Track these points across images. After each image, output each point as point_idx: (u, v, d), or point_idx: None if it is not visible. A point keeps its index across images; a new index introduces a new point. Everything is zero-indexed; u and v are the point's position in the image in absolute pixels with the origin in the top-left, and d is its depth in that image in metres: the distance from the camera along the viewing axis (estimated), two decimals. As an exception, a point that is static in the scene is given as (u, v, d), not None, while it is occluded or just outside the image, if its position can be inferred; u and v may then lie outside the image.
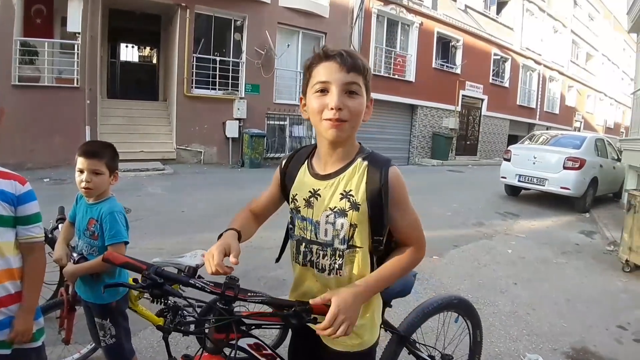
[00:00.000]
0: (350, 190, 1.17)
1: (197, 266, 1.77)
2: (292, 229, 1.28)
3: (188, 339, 2.48)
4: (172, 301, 1.23)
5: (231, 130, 11.34)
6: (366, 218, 1.17)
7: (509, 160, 8.91)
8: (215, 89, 11.44)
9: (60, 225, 2.20)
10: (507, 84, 20.20)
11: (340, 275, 1.20)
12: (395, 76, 15.33)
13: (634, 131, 9.27)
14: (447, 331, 2.05)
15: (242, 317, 1.18)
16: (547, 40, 22.20)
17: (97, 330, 1.88)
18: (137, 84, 13.76)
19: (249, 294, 1.09)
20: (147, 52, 16.87)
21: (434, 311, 1.90)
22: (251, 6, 11.57)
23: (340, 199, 1.17)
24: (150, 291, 1.12)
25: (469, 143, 18.96)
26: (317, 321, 1.08)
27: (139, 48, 16.54)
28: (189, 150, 11.04)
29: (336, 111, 1.09)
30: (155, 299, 1.14)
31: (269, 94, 12.15)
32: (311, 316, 1.09)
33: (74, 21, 9.06)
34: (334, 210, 1.17)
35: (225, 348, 1.19)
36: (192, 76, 10.99)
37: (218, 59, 11.38)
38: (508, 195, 9.37)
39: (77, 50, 9.23)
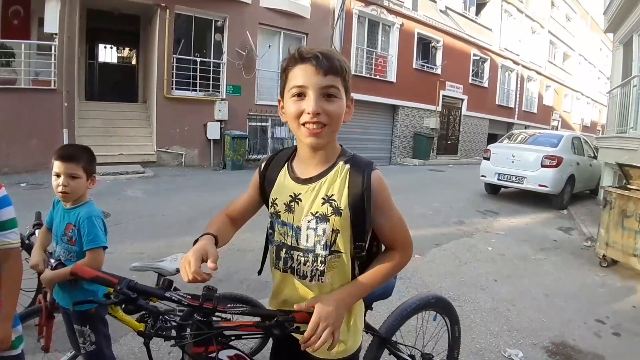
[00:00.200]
0: (332, 194, 1.14)
1: (177, 270, 1.75)
2: (272, 234, 1.23)
3: (170, 344, 2.45)
4: (153, 305, 1.20)
5: (212, 132, 11.24)
6: (348, 223, 1.14)
7: (488, 159, 9.06)
8: (196, 90, 11.32)
9: (37, 231, 2.16)
10: (487, 84, 20.53)
11: (321, 282, 1.17)
12: (377, 77, 15.45)
13: (610, 129, 9.46)
14: (426, 330, 2.08)
15: (222, 330, 1.13)
16: (525, 40, 22.63)
17: (77, 337, 1.84)
18: (116, 86, 13.50)
19: (229, 305, 1.06)
20: (126, 53, 16.56)
21: (413, 312, 1.92)
22: (232, 7, 11.48)
23: (322, 203, 1.14)
24: (123, 307, 1.07)
25: (449, 142, 19.18)
26: (300, 330, 1.06)
27: (117, 49, 16.20)
28: (169, 152, 10.90)
29: (314, 116, 1.06)
30: (130, 314, 1.10)
31: (250, 95, 12.08)
32: (294, 325, 1.07)
33: (51, 22, 8.87)
34: (316, 215, 1.14)
35: None
36: (173, 77, 10.84)
37: (199, 59, 11.25)
38: (488, 194, 9.50)
39: (54, 51, 9.03)
